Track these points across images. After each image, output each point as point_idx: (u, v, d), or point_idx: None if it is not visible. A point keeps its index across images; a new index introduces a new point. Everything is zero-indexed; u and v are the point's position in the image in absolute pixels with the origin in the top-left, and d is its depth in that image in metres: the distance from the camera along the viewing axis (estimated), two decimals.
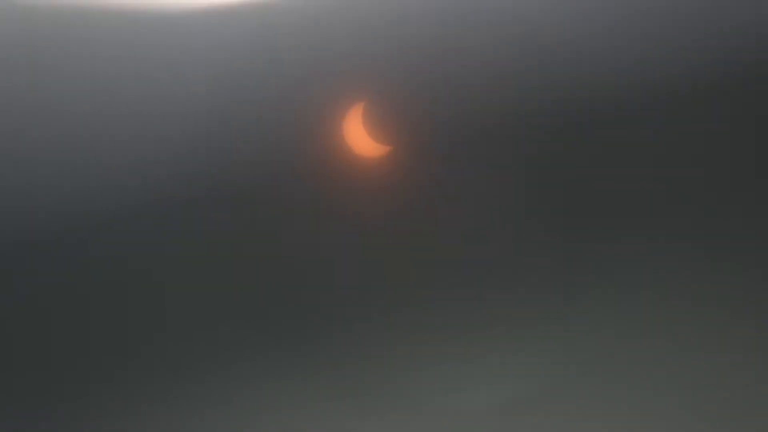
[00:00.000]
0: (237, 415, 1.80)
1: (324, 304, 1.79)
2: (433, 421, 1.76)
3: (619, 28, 1.73)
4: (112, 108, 1.82)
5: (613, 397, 1.73)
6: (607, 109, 1.72)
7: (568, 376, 1.73)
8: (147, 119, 1.82)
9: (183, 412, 1.80)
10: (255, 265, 1.81)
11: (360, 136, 1.81)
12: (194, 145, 1.81)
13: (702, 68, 1.71)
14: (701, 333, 1.72)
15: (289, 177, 1.80)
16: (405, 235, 1.78)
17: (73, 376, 1.82)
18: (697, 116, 1.72)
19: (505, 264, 1.75)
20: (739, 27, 1.71)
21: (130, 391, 1.81)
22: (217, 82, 1.81)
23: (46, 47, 1.81)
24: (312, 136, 1.80)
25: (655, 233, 1.73)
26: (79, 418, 1.81)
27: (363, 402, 1.78)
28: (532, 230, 1.75)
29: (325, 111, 1.81)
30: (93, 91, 1.82)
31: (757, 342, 1.71)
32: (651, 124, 1.73)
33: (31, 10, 1.79)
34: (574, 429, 1.73)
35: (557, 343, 1.74)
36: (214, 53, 1.81)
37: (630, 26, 1.73)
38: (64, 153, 1.82)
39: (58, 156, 1.82)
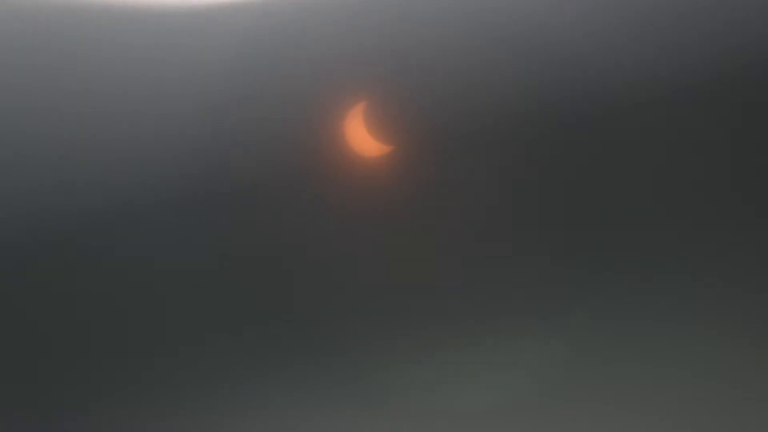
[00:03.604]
0: (235, 416, 1.80)
1: (324, 304, 1.79)
2: (432, 421, 1.76)
3: (622, 27, 1.73)
4: (111, 107, 1.82)
5: (613, 397, 1.73)
6: (610, 108, 1.72)
7: (568, 376, 1.73)
8: (143, 118, 1.82)
9: (179, 412, 1.80)
10: (254, 265, 1.80)
11: (362, 136, 1.81)
12: (193, 145, 1.81)
13: (703, 66, 1.71)
14: (702, 333, 1.72)
15: (288, 177, 1.80)
16: (405, 235, 1.78)
17: (72, 376, 1.82)
18: (699, 115, 1.73)
19: (506, 264, 1.75)
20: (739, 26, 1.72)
21: (130, 394, 1.81)
22: (216, 81, 1.81)
23: (44, 44, 1.81)
24: (312, 136, 1.80)
25: (656, 234, 1.73)
26: (75, 419, 1.81)
27: (363, 402, 1.78)
28: (533, 230, 1.75)
29: (325, 110, 1.81)
30: (92, 90, 1.82)
31: (758, 342, 1.71)
32: (652, 124, 1.73)
33: (30, 7, 1.79)
34: (574, 429, 1.73)
35: (557, 343, 1.74)
36: (213, 52, 1.81)
37: (631, 25, 1.74)
38: (61, 152, 1.82)
39: (55, 155, 1.82)
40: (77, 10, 1.82)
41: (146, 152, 1.81)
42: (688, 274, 1.71)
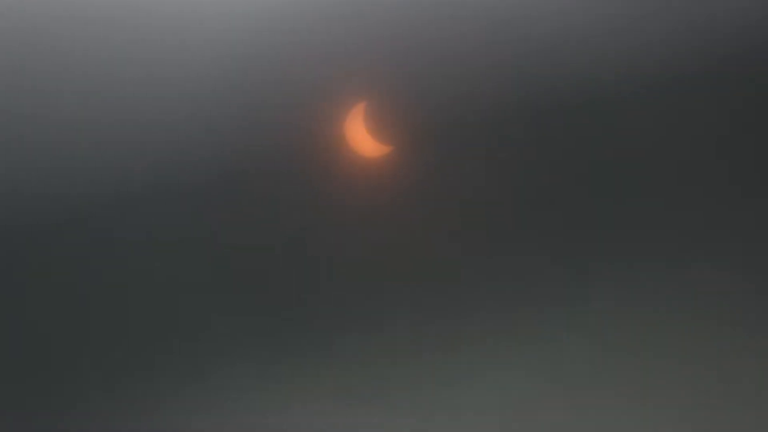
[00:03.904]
0: (236, 415, 1.80)
1: (325, 302, 1.79)
2: (433, 420, 1.76)
3: (618, 26, 1.73)
4: (113, 105, 1.82)
5: (612, 397, 1.74)
6: (607, 107, 1.72)
7: (567, 376, 1.74)
8: (149, 117, 1.81)
9: (180, 411, 1.81)
10: (255, 263, 1.81)
11: (361, 135, 1.81)
12: (195, 143, 1.81)
13: (702, 64, 1.71)
14: (701, 332, 1.72)
15: (290, 175, 1.80)
16: (405, 233, 1.78)
17: (71, 373, 1.82)
18: (700, 116, 1.72)
19: (505, 263, 1.75)
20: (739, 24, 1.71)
21: (131, 390, 1.81)
22: (219, 81, 1.81)
23: (46, 36, 1.81)
24: (313, 135, 1.80)
25: (656, 234, 1.73)
26: (72, 417, 1.82)
27: (363, 402, 1.78)
28: (532, 228, 1.75)
29: (327, 110, 1.81)
30: (94, 87, 1.82)
31: (758, 342, 1.71)
32: (654, 124, 1.73)
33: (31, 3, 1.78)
34: (574, 428, 1.73)
35: (557, 343, 1.74)
36: (216, 50, 1.81)
37: (630, 23, 1.73)
38: (62, 146, 1.82)
39: (56, 149, 1.82)
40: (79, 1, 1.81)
41: (146, 151, 1.81)
42: (688, 273, 1.71)
